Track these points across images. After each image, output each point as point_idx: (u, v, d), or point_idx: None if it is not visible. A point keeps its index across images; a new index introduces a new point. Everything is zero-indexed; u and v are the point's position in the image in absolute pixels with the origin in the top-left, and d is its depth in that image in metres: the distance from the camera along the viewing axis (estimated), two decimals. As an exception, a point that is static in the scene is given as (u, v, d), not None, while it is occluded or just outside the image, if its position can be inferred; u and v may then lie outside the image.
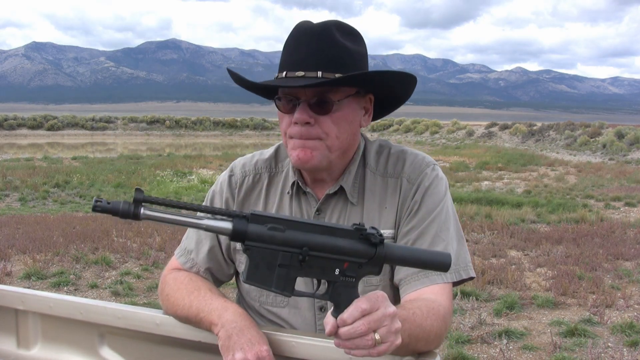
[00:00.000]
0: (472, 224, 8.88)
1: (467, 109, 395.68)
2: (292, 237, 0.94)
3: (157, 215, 0.90)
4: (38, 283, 5.90)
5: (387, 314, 0.95)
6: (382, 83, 1.31)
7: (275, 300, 1.38)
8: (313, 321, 1.36)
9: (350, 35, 1.28)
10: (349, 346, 0.95)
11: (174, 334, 1.33)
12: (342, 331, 0.94)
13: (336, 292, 0.97)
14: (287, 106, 1.28)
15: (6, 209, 11.29)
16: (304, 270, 0.96)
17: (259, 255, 0.94)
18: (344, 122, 1.27)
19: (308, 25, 1.27)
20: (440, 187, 1.34)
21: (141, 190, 0.89)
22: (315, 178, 1.36)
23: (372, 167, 1.38)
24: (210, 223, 0.93)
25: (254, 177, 1.44)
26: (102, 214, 0.88)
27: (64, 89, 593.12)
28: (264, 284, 0.96)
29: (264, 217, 0.94)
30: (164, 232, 8.04)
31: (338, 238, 0.96)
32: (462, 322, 4.88)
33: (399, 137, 41.42)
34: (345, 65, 1.24)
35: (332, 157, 1.29)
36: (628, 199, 12.28)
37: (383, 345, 0.95)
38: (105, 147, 34.32)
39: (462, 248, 1.34)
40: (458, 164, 20.75)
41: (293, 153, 1.27)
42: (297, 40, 1.27)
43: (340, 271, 0.96)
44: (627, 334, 4.58)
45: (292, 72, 1.24)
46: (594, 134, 27.66)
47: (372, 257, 0.97)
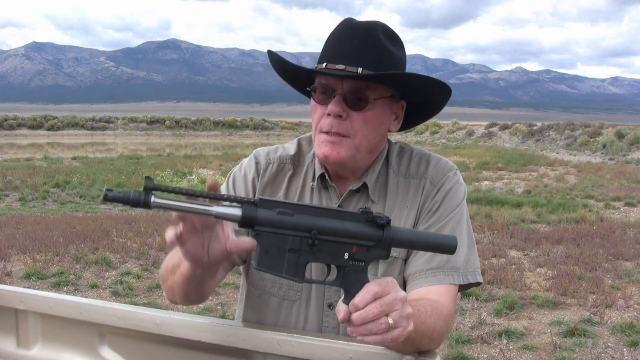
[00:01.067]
0: (472, 224, 8.85)
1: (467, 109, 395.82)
2: (301, 221, 0.94)
3: (168, 203, 0.91)
4: (38, 283, 5.90)
5: (399, 298, 0.95)
6: (419, 88, 1.31)
7: (288, 293, 1.38)
8: (320, 318, 1.36)
9: (394, 40, 1.30)
10: (362, 332, 0.94)
11: (174, 334, 1.33)
12: (354, 316, 0.93)
13: (346, 277, 0.97)
14: (322, 97, 1.28)
15: (6, 209, 11.29)
16: (314, 255, 0.96)
17: (269, 240, 0.94)
18: (374, 122, 1.28)
19: (354, 22, 1.29)
20: (459, 193, 1.37)
21: (151, 178, 0.89)
22: (338, 174, 1.37)
23: (394, 168, 1.39)
24: (220, 210, 0.93)
25: (277, 166, 1.44)
26: (112, 203, 0.89)
27: (64, 89, 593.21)
28: (274, 270, 0.96)
29: (272, 202, 0.94)
30: (164, 232, 8.04)
31: (346, 221, 0.96)
32: (462, 322, 4.88)
33: (398, 137, 41.34)
34: (386, 67, 1.25)
35: (358, 157, 1.30)
36: (628, 199, 12.28)
37: (396, 330, 0.94)
38: (105, 147, 34.34)
39: (472, 254, 1.35)
40: (458, 164, 20.60)
41: (320, 149, 1.28)
42: (341, 35, 1.28)
43: (350, 255, 0.97)
44: (627, 334, 4.59)
45: (333, 64, 1.25)
46: (594, 134, 27.68)
47: (380, 239, 0.97)
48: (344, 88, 1.25)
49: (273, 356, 1.23)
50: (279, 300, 1.39)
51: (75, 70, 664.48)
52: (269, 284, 1.40)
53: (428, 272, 1.28)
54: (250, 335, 1.24)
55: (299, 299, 1.37)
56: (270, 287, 1.40)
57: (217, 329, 1.27)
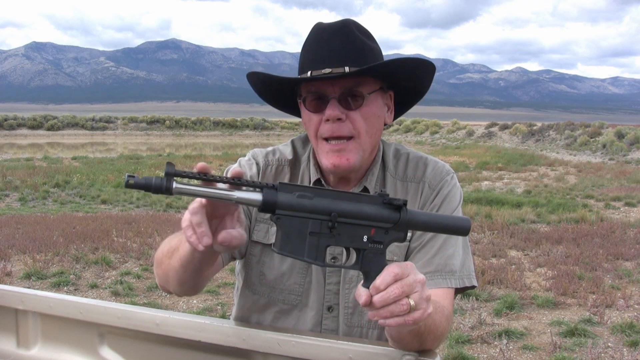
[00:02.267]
0: (472, 224, 8.85)
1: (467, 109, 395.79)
2: (321, 204, 0.95)
3: (189, 189, 0.91)
4: (38, 283, 5.90)
5: (418, 279, 0.96)
6: (408, 73, 1.30)
7: (289, 297, 1.37)
8: (319, 321, 1.36)
9: (367, 34, 1.30)
10: (384, 315, 0.94)
11: (174, 334, 1.33)
12: (376, 298, 0.93)
13: (366, 260, 0.98)
14: (315, 105, 1.27)
15: (6, 209, 11.29)
16: (334, 238, 0.97)
17: (290, 224, 0.95)
18: (372, 118, 1.28)
19: (326, 25, 1.28)
20: (456, 197, 1.38)
21: (172, 164, 0.90)
22: (341, 177, 1.36)
23: (391, 171, 1.39)
24: (241, 195, 0.93)
25: (277, 168, 1.43)
26: (134, 189, 0.89)
27: (64, 89, 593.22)
28: (296, 254, 0.96)
29: (292, 186, 0.95)
30: (164, 232, 8.05)
31: (364, 204, 0.98)
32: (462, 322, 4.88)
33: (399, 137, 41.40)
34: (369, 60, 1.24)
35: (365, 156, 1.30)
36: (628, 199, 12.28)
37: (417, 312, 0.94)
38: (105, 147, 34.34)
39: (468, 257, 1.36)
40: (458, 164, 20.75)
41: (328, 160, 1.26)
42: (317, 40, 1.27)
43: (368, 238, 0.98)
44: (627, 334, 4.59)
45: (318, 70, 1.23)
46: (594, 134, 27.67)
47: (397, 221, 0.98)
48: (336, 91, 1.24)
49: (273, 356, 1.22)
50: (278, 304, 1.38)
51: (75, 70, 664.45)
52: (268, 289, 1.39)
53: (426, 276, 1.27)
54: (250, 335, 1.24)
55: (299, 303, 1.37)
56: (270, 292, 1.39)
57: (217, 329, 1.27)
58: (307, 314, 1.36)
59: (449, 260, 1.30)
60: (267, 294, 1.39)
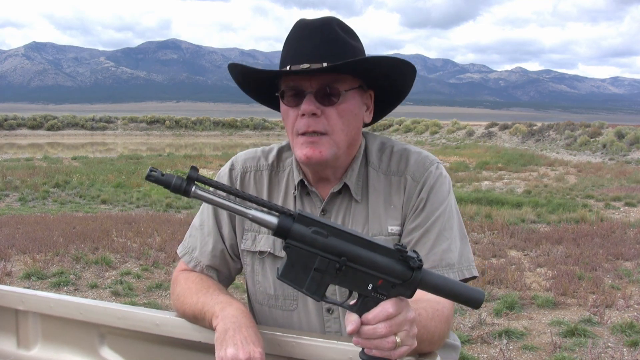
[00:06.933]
0: (472, 224, 8.87)
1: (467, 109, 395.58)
2: (333, 245, 0.94)
3: (207, 197, 0.93)
4: (38, 283, 5.89)
5: (408, 318, 0.97)
6: (386, 72, 1.30)
7: (285, 303, 1.38)
8: (321, 323, 1.36)
9: (350, 33, 1.30)
10: (368, 345, 0.96)
11: (174, 334, 1.33)
12: (364, 330, 0.95)
13: (365, 306, 0.97)
14: (292, 100, 1.27)
15: (6, 209, 11.29)
16: (338, 278, 0.96)
17: (298, 255, 0.95)
18: (348, 115, 1.27)
19: (308, 21, 1.28)
20: (444, 186, 1.34)
21: (196, 168, 0.91)
22: (320, 177, 1.36)
23: (374, 165, 1.37)
24: (257, 214, 0.94)
25: (255, 174, 1.43)
26: (154, 183, 0.91)
27: (64, 89, 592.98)
28: (296, 284, 0.96)
29: (310, 219, 0.94)
30: (164, 232, 8.04)
31: (378, 255, 0.95)
32: (462, 322, 4.88)
33: (399, 137, 41.41)
34: (349, 57, 1.24)
35: (339, 153, 1.29)
36: (628, 199, 12.27)
37: (402, 349, 0.97)
38: (105, 147, 34.33)
39: (465, 247, 1.33)
40: (458, 164, 20.74)
41: (301, 151, 1.26)
42: (299, 35, 1.27)
43: (374, 287, 0.96)
44: (627, 334, 4.58)
45: (297, 65, 1.23)
46: (594, 134, 27.65)
47: (408, 279, 0.96)
48: (313, 86, 1.24)
49: (273, 356, 1.22)
50: (279, 311, 1.39)
51: (75, 70, 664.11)
52: (266, 297, 1.40)
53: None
54: (250, 336, 1.23)
55: (297, 308, 1.37)
56: (268, 300, 1.40)
57: (217, 329, 1.27)
58: (310, 317, 1.37)
59: (445, 255, 1.28)
60: (266, 301, 1.41)
